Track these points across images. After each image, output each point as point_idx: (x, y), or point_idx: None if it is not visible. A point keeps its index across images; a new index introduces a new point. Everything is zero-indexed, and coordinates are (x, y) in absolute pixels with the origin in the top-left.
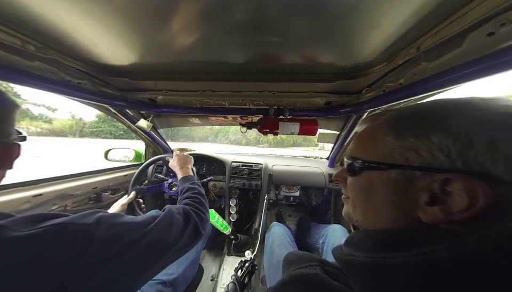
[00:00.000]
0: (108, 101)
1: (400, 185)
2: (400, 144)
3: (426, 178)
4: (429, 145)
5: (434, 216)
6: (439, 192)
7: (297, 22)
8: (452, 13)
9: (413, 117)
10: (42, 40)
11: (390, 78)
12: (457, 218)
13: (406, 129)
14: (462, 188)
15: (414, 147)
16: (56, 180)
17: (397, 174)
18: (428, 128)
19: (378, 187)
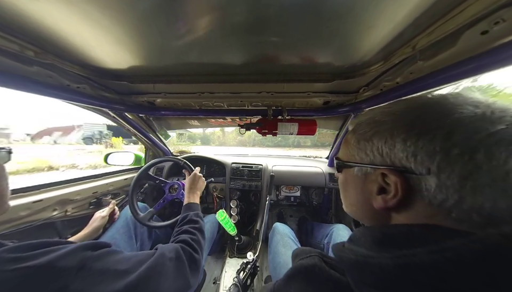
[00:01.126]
0: (106, 105)
1: (361, 179)
2: (357, 146)
3: (373, 172)
4: (371, 146)
5: (378, 203)
6: (383, 184)
7: (294, 23)
8: (446, 12)
9: (366, 122)
10: (41, 45)
11: (387, 77)
12: (390, 204)
13: (361, 134)
14: (392, 180)
15: (364, 148)
16: (56, 186)
17: (358, 171)
18: (371, 132)
19: (350, 182)
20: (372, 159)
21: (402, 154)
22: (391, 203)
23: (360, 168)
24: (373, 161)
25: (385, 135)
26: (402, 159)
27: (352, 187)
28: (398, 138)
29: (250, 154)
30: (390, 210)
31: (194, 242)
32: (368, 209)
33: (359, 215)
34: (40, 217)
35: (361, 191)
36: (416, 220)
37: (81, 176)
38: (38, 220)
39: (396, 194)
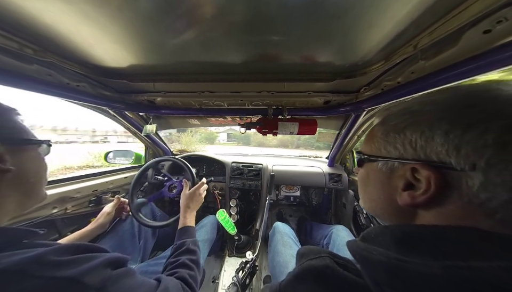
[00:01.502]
0: (106, 103)
1: (385, 174)
2: (385, 139)
3: (401, 167)
4: (403, 139)
5: (404, 199)
6: (412, 179)
7: (294, 22)
8: (448, 11)
9: (400, 113)
10: (40, 43)
11: (388, 76)
12: (419, 201)
13: (390, 126)
14: (424, 176)
15: (393, 141)
16: (56, 183)
17: (382, 165)
18: (404, 123)
19: (371, 177)
20: (402, 152)
21: (441, 147)
22: (420, 199)
23: (386, 162)
24: (403, 155)
25: (422, 126)
26: (440, 152)
27: (374, 182)
28: (439, 130)
29: (251, 153)
30: (417, 207)
31: (192, 280)
32: (390, 205)
33: (378, 210)
34: (40, 215)
35: (384, 186)
36: (447, 220)
37: (82, 174)
38: (37, 218)
39: (426, 190)
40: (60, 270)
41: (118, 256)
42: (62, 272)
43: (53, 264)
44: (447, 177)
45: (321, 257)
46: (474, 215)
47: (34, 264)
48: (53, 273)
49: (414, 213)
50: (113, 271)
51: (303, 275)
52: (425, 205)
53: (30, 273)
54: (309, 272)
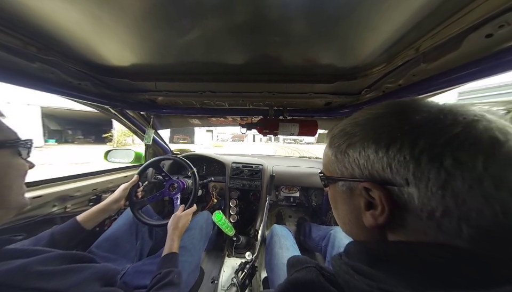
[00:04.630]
0: (108, 102)
1: (347, 194)
2: (336, 160)
3: (357, 186)
4: (348, 159)
5: (368, 220)
6: (370, 198)
7: (296, 24)
8: (451, 15)
9: (339, 135)
10: (44, 42)
11: (389, 79)
12: (380, 221)
13: (335, 147)
14: (376, 194)
15: (342, 161)
16: (55, 182)
17: (342, 185)
18: (344, 144)
19: (338, 198)
20: (352, 172)
21: (378, 165)
22: (381, 219)
23: (344, 182)
24: (353, 174)
25: (357, 146)
26: (379, 170)
27: (341, 204)
28: (370, 149)
29: (251, 154)
30: (384, 229)
31: None
32: (361, 227)
33: (353, 233)
34: (40, 213)
35: (350, 207)
36: (411, 236)
37: (81, 173)
38: (37, 216)
39: (383, 209)
40: (46, 281)
41: (107, 269)
42: (48, 284)
43: (39, 274)
44: (393, 194)
45: (307, 268)
46: (427, 229)
47: (19, 275)
48: (39, 284)
49: (383, 235)
50: (101, 288)
51: (288, 289)
52: (388, 225)
53: (14, 285)
54: (293, 286)
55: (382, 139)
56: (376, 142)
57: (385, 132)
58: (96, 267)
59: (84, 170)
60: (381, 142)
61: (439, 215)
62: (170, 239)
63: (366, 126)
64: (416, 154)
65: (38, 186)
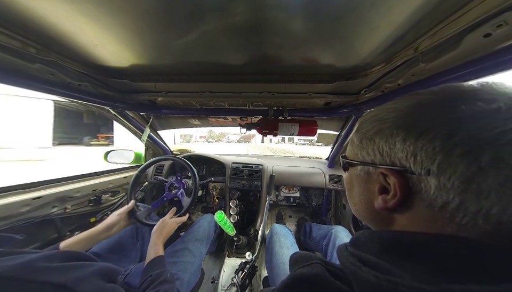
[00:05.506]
0: (108, 103)
1: (364, 178)
2: (360, 145)
3: (375, 172)
4: (373, 146)
5: (378, 203)
6: (385, 183)
7: (296, 24)
8: (449, 15)
9: (370, 120)
10: (43, 42)
11: (388, 78)
12: (390, 205)
13: (363, 132)
14: (391, 181)
15: (366, 147)
16: (55, 183)
17: (361, 169)
18: (373, 130)
19: (354, 180)
20: (373, 158)
21: (402, 153)
22: (390, 203)
23: (363, 167)
24: (374, 160)
25: (386, 133)
26: (402, 158)
27: (356, 186)
28: (398, 137)
29: (250, 154)
30: (392, 211)
31: None
32: (370, 209)
33: (361, 214)
34: (40, 214)
35: (364, 190)
36: (419, 224)
37: (81, 174)
38: (37, 217)
39: (395, 194)
40: (52, 276)
41: (109, 267)
42: (54, 278)
43: (45, 270)
44: (409, 181)
45: (312, 264)
46: (438, 219)
47: (26, 270)
48: (45, 278)
49: (391, 217)
50: (106, 284)
51: (293, 284)
52: (396, 209)
53: (23, 278)
54: (299, 281)
55: (415, 128)
56: (408, 129)
57: (421, 121)
58: (98, 265)
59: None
60: (412, 130)
61: (454, 206)
62: (154, 244)
63: (403, 112)
64: (448, 146)
65: (38, 187)
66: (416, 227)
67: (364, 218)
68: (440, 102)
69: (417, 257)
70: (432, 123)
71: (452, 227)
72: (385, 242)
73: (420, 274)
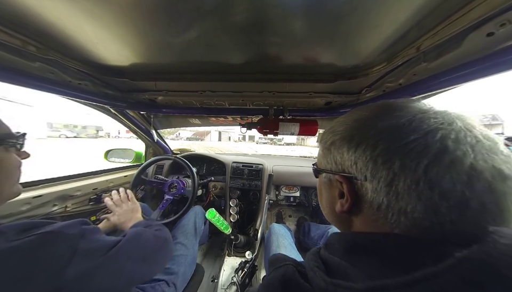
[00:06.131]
0: (108, 102)
1: (327, 184)
2: (322, 154)
3: (333, 179)
4: (329, 155)
5: (337, 207)
6: (342, 189)
7: (297, 23)
8: (452, 14)
9: (327, 132)
10: (43, 41)
11: (389, 78)
12: (345, 208)
13: (322, 143)
14: (344, 186)
15: (326, 156)
16: (56, 181)
17: (325, 176)
18: (329, 142)
19: (322, 186)
20: (331, 166)
21: (348, 162)
22: (345, 207)
23: (326, 174)
24: (332, 168)
25: (337, 144)
26: (348, 166)
27: (323, 192)
28: (344, 147)
29: (250, 153)
30: (349, 214)
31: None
32: (333, 212)
33: (330, 218)
34: (40, 213)
35: (328, 196)
36: (368, 224)
37: (82, 172)
38: (37, 216)
39: (347, 199)
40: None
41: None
42: (38, 230)
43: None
44: (355, 186)
45: (284, 265)
46: (378, 219)
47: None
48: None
49: (349, 220)
50: (88, 226)
51: (268, 285)
52: (351, 212)
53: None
54: (272, 284)
55: (354, 140)
56: (349, 141)
57: (358, 134)
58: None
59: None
60: (352, 142)
61: (384, 207)
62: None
63: (348, 126)
64: (374, 156)
65: (38, 186)
66: (367, 228)
67: (332, 221)
68: (371, 118)
69: (369, 255)
70: (364, 136)
71: (387, 225)
72: (347, 243)
73: (372, 271)
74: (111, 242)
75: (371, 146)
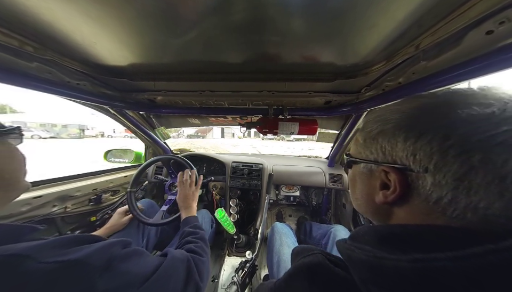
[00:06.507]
0: (107, 102)
1: (367, 175)
2: (364, 144)
3: (377, 169)
4: (375, 145)
5: (379, 198)
6: (386, 180)
7: (295, 22)
8: (451, 11)
9: (374, 120)
10: (41, 41)
11: (389, 77)
12: (389, 199)
13: (367, 132)
14: (392, 177)
15: (369, 146)
16: (56, 182)
17: (364, 167)
18: (376, 130)
19: (357, 177)
20: (376, 156)
21: (402, 153)
22: (390, 198)
23: (366, 164)
24: (376, 158)
25: (388, 133)
26: (402, 157)
27: (359, 182)
28: (400, 137)
29: (250, 153)
30: (391, 205)
31: (198, 249)
32: (371, 203)
33: (363, 209)
34: (40, 213)
35: (366, 186)
36: (415, 216)
37: (82, 173)
38: (37, 216)
39: (394, 190)
40: (64, 255)
41: (122, 239)
42: (66, 257)
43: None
44: (408, 178)
45: (313, 254)
46: (433, 212)
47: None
48: (56, 258)
49: (390, 211)
50: (122, 249)
51: (296, 273)
52: (396, 203)
53: (34, 258)
54: (302, 270)
55: (415, 129)
56: (408, 131)
57: (420, 123)
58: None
59: None
60: (413, 131)
61: (447, 201)
62: (183, 213)
63: (405, 114)
64: (444, 147)
65: (38, 186)
66: (413, 220)
67: (365, 212)
68: (439, 106)
69: (407, 245)
70: (431, 125)
71: (443, 219)
72: (381, 234)
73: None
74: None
75: (440, 136)
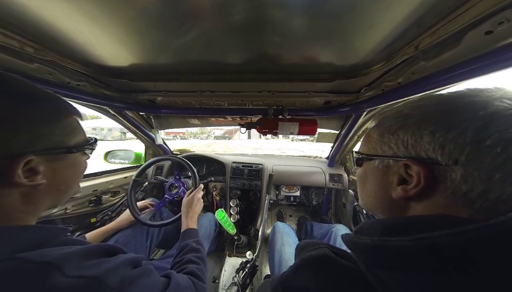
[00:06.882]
0: (107, 103)
1: (381, 171)
2: (380, 140)
3: (395, 164)
4: (396, 139)
5: (397, 193)
6: (405, 175)
7: (295, 22)
8: (450, 12)
9: (393, 116)
10: (41, 42)
11: (388, 77)
12: (411, 194)
13: (385, 127)
14: (415, 171)
15: (387, 141)
16: None
17: (379, 163)
18: (397, 125)
19: (369, 174)
20: (396, 151)
21: (429, 146)
22: (411, 192)
23: (382, 160)
24: (396, 153)
25: (412, 127)
26: (428, 150)
27: (371, 179)
28: (426, 130)
29: (250, 153)
30: (409, 200)
31: (200, 272)
32: (385, 199)
33: (374, 205)
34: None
35: (380, 182)
36: (434, 209)
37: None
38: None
39: (417, 183)
40: (86, 269)
41: (134, 257)
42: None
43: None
44: (434, 171)
45: (320, 248)
46: (456, 205)
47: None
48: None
49: (406, 205)
50: (132, 270)
51: (303, 265)
52: (416, 197)
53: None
54: (309, 262)
55: (445, 122)
56: (437, 123)
57: (451, 115)
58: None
59: None
60: (442, 124)
61: (477, 193)
62: (185, 221)
63: (431, 109)
64: (478, 138)
65: None
66: (429, 212)
67: (375, 208)
68: (467, 100)
69: (411, 229)
70: (463, 117)
71: (469, 211)
72: (385, 225)
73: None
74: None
75: (476, 127)
